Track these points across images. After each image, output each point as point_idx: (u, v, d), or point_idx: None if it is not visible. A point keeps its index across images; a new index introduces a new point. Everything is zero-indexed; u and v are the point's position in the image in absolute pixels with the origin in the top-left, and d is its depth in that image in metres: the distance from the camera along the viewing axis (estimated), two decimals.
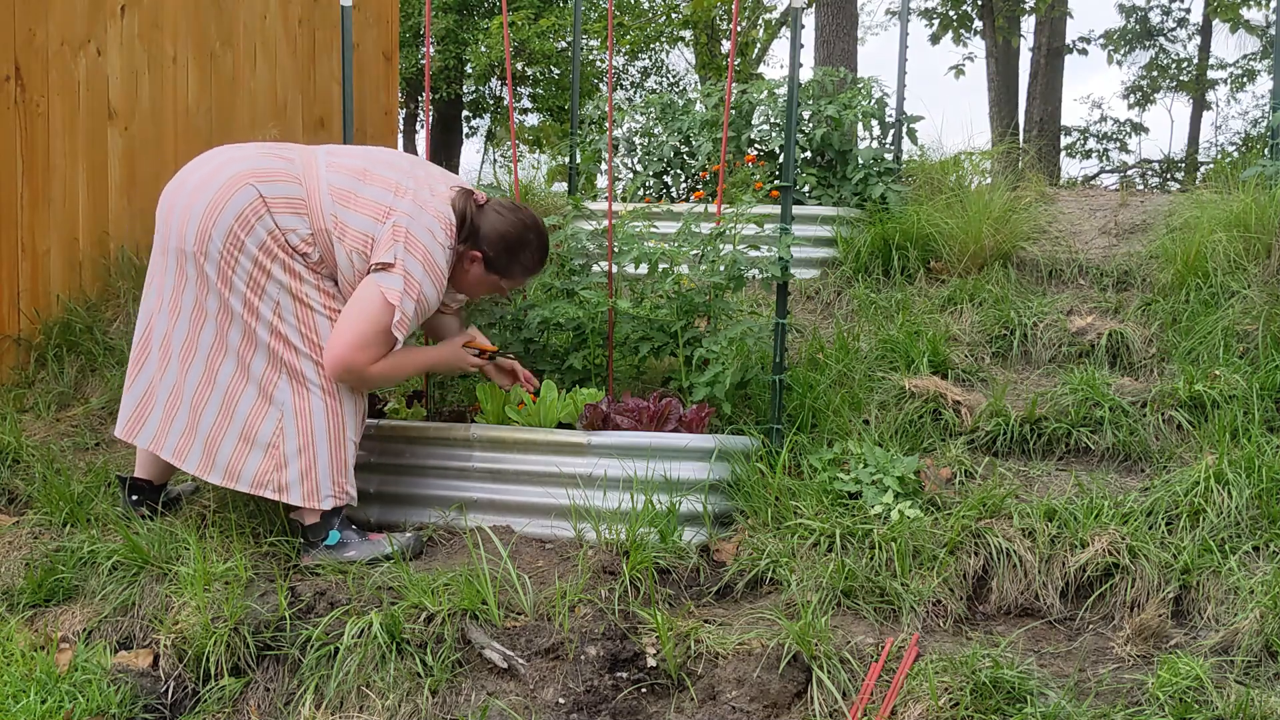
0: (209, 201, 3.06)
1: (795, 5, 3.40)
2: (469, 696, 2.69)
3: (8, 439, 3.83)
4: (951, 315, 4.32)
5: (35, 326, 4.49)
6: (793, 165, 3.41)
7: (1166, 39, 18.91)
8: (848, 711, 2.55)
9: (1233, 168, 4.99)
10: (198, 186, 3.11)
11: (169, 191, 3.19)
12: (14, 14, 4.39)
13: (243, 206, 3.06)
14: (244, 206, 3.06)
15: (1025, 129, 14.64)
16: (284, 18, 5.80)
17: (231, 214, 3.04)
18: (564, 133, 16.02)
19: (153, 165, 5.03)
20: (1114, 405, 3.61)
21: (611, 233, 3.67)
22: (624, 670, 2.72)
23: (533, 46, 15.36)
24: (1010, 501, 3.18)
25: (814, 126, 5.21)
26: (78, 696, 2.72)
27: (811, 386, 3.72)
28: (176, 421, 3.14)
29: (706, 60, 18.90)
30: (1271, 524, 3.01)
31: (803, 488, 3.25)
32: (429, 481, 3.38)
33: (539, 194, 5.63)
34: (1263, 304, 3.92)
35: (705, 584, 3.07)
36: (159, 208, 3.20)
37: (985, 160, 5.47)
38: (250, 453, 3.10)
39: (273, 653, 2.85)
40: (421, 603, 2.83)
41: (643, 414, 3.31)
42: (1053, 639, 2.86)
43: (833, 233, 4.84)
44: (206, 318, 3.10)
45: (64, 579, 3.12)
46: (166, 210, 3.16)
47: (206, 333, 3.11)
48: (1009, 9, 14.30)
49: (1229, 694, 2.48)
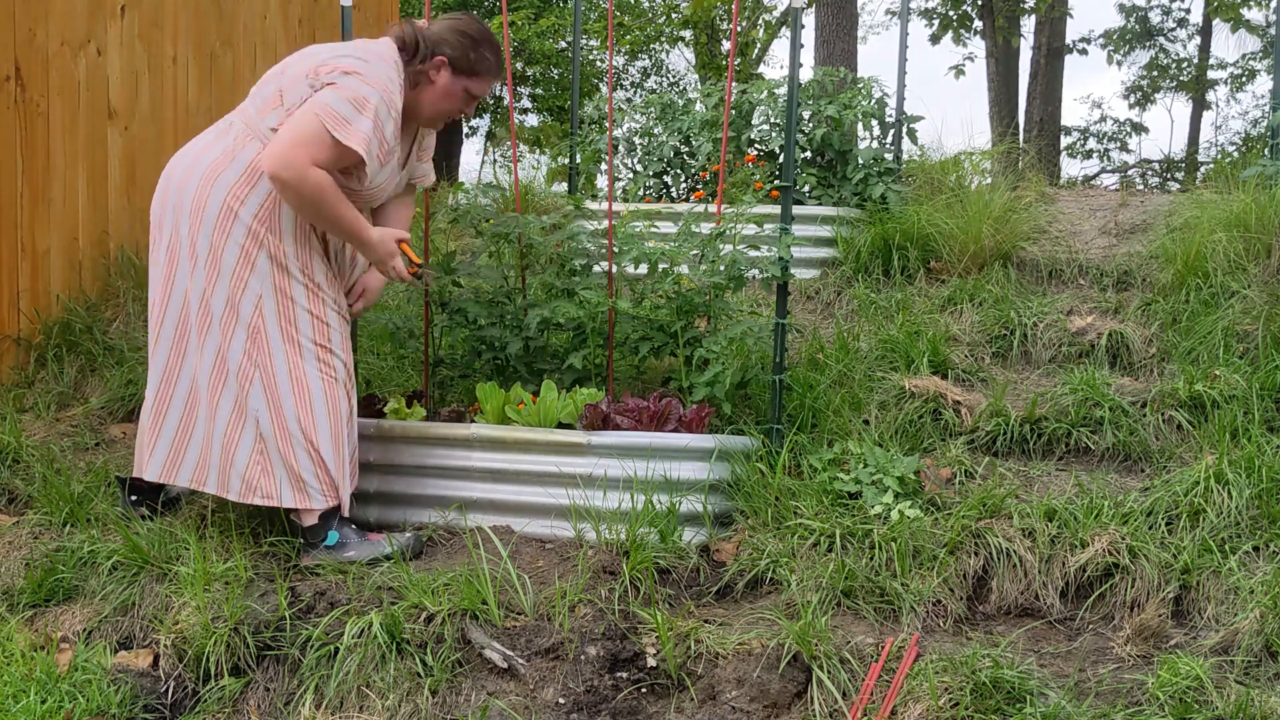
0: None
1: (795, 5, 3.40)
2: (469, 696, 2.69)
3: (8, 439, 3.83)
4: (951, 315, 4.32)
5: (35, 326, 4.49)
6: (793, 165, 3.41)
7: (1166, 39, 18.90)
8: (848, 711, 2.55)
9: (1233, 168, 4.99)
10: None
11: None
12: (14, 14, 4.39)
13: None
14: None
15: (1025, 129, 14.64)
16: (284, 18, 5.80)
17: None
18: (564, 133, 16.02)
19: (153, 165, 5.03)
20: (1114, 405, 3.61)
21: (611, 233, 3.67)
22: (624, 670, 2.72)
23: (533, 46, 15.35)
24: (1010, 501, 3.18)
25: (814, 126, 5.21)
26: (78, 696, 2.72)
27: (811, 386, 3.72)
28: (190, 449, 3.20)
29: (706, 60, 18.89)
30: (1271, 524, 3.01)
31: (803, 488, 3.25)
32: (429, 481, 3.38)
33: (539, 194, 5.63)
34: (1263, 304, 3.92)
35: (705, 584, 3.07)
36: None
37: (985, 160, 5.47)
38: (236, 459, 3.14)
39: (273, 653, 2.85)
40: (421, 603, 2.83)
41: (643, 414, 3.31)
42: (1053, 639, 2.86)
43: (833, 233, 4.84)
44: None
45: (64, 579, 3.12)
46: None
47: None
48: (1009, 9, 14.30)
49: (1229, 694, 2.48)
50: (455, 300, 3.81)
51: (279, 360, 3.10)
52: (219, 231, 3.08)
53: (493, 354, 3.81)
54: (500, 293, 3.87)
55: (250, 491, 3.11)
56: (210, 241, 3.09)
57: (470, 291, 3.93)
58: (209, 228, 3.08)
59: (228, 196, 3.08)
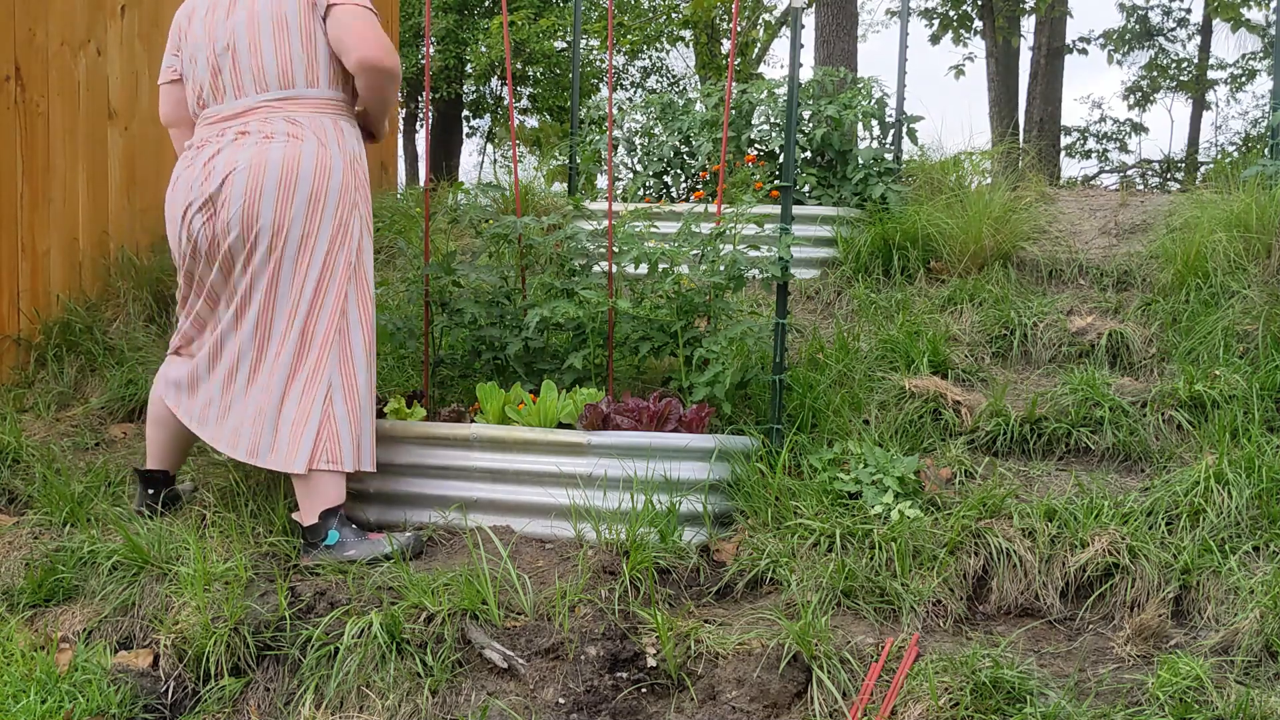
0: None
1: (795, 5, 3.40)
2: (469, 696, 2.69)
3: (8, 439, 3.83)
4: (951, 315, 4.33)
5: (35, 326, 4.49)
6: (793, 165, 3.41)
7: (1166, 39, 18.90)
8: (848, 711, 2.55)
9: (1233, 168, 4.99)
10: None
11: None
12: (14, 14, 4.39)
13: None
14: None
15: (1025, 129, 14.63)
16: None
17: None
18: (564, 133, 16.03)
19: (153, 165, 5.03)
20: (1114, 405, 3.61)
21: (611, 233, 3.67)
22: (624, 670, 2.72)
23: (533, 46, 15.36)
24: (1010, 501, 3.18)
25: (814, 126, 5.21)
26: (78, 696, 2.72)
27: (811, 386, 3.72)
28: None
29: (706, 60, 18.89)
30: (1271, 524, 3.01)
31: (803, 488, 3.25)
32: (429, 481, 3.38)
33: (539, 194, 5.63)
34: (1263, 304, 3.92)
35: (705, 584, 3.07)
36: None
37: (985, 160, 5.47)
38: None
39: (273, 653, 2.85)
40: (421, 603, 2.83)
41: (643, 414, 3.31)
42: (1053, 639, 2.86)
43: (833, 233, 4.84)
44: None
45: (64, 579, 3.12)
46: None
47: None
48: (1009, 9, 14.30)
49: (1229, 694, 2.48)
50: (455, 300, 3.82)
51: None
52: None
53: (493, 354, 3.81)
54: (500, 293, 3.87)
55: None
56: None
57: (470, 291, 3.94)
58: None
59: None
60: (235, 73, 3.23)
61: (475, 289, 3.98)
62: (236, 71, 3.23)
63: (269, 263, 3.14)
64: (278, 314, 3.16)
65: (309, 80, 3.22)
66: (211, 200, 3.15)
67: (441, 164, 15.57)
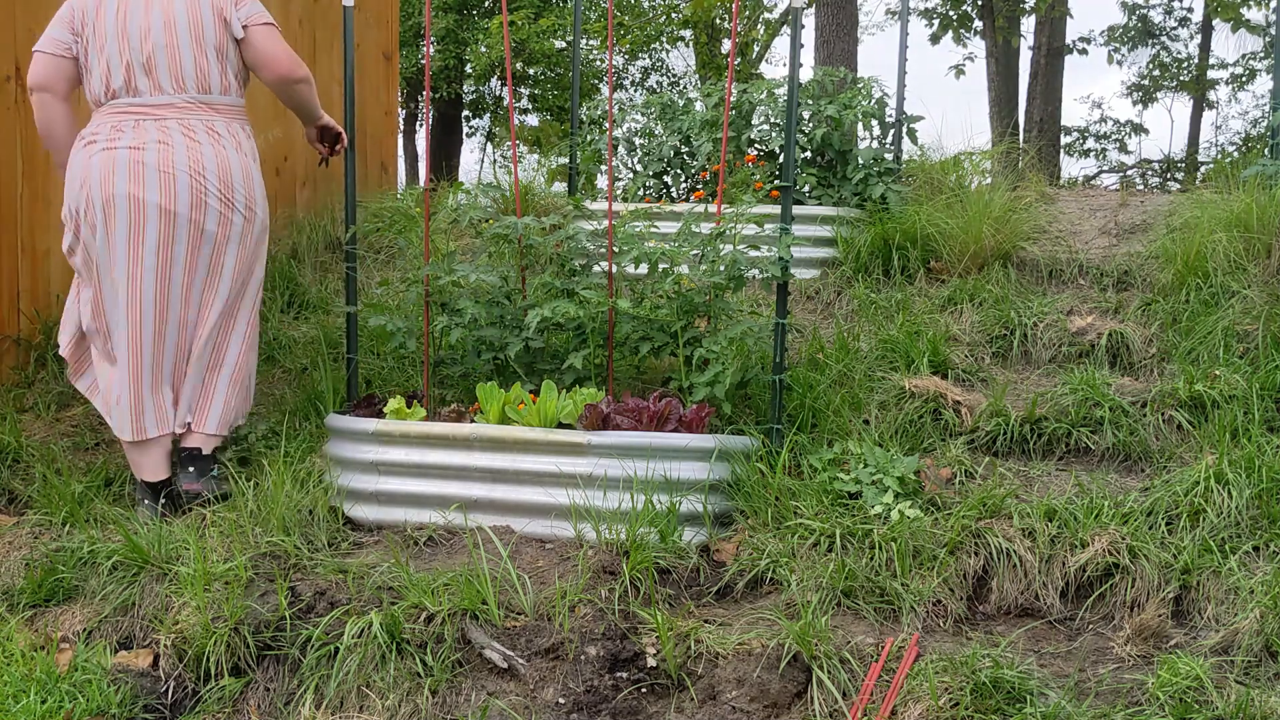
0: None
1: (795, 5, 3.40)
2: (469, 696, 2.70)
3: (8, 439, 3.83)
4: (951, 315, 4.33)
5: (35, 326, 4.49)
6: (793, 165, 3.41)
7: (1167, 38, 18.89)
8: (848, 711, 2.55)
9: (1233, 167, 4.99)
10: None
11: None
12: (14, 14, 4.39)
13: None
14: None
15: (1025, 129, 14.62)
16: (284, 18, 5.79)
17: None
18: (564, 133, 16.02)
19: None
20: (1114, 405, 3.61)
21: (611, 233, 3.67)
22: (624, 670, 2.72)
23: (533, 46, 15.36)
24: (1010, 501, 3.18)
25: (814, 126, 5.21)
26: (78, 696, 2.72)
27: (811, 386, 3.72)
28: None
29: (706, 60, 18.89)
30: (1271, 524, 3.01)
31: (803, 488, 3.25)
32: (429, 481, 3.38)
33: (539, 194, 5.63)
34: (1263, 304, 3.92)
35: (705, 584, 3.07)
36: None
37: (985, 160, 5.47)
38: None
39: (273, 653, 2.85)
40: (421, 603, 2.84)
41: (643, 414, 3.31)
42: (1053, 639, 2.86)
43: (833, 233, 4.84)
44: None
45: (64, 579, 3.12)
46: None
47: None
48: (1009, 9, 14.29)
49: (1229, 694, 2.48)
50: (455, 300, 3.81)
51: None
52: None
53: (493, 354, 3.81)
54: (500, 293, 3.87)
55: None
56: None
57: (470, 291, 3.94)
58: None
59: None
60: (152, 70, 3.44)
61: (475, 289, 3.98)
62: (154, 70, 3.44)
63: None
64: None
65: (223, 88, 3.51)
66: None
67: (441, 164, 15.57)
